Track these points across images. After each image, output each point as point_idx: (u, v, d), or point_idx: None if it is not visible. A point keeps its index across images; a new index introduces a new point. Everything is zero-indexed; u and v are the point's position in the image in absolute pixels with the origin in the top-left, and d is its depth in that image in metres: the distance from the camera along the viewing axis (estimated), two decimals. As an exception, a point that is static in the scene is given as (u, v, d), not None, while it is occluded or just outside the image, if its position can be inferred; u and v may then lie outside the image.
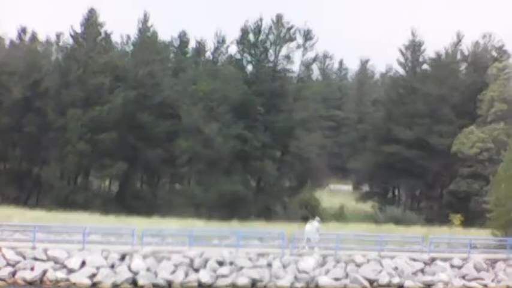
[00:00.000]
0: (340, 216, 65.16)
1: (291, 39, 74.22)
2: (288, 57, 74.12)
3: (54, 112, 69.02)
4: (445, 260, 49.26)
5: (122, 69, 71.66)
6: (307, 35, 74.97)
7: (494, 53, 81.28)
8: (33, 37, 78.56)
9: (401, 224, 66.11)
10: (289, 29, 74.13)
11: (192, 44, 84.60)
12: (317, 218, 50.49)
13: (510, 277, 48.68)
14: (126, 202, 68.06)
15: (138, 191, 73.33)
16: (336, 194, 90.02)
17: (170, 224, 53.17)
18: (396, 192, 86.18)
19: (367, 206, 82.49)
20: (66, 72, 70.15)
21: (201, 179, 67.75)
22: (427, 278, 46.97)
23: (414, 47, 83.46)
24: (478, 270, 49.01)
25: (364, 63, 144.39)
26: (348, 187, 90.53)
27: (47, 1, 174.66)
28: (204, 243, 45.69)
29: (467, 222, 66.96)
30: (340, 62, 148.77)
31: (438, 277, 47.20)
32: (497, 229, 55.49)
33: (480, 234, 56.98)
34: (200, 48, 76.88)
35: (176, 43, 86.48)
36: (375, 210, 77.66)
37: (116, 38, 80.00)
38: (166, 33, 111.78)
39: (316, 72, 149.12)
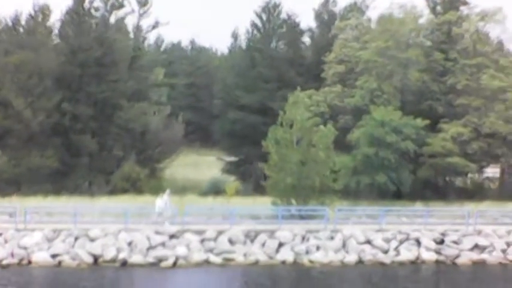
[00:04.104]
0: (158, 188, 61.84)
1: (121, 6, 70.85)
2: (116, 25, 70.87)
3: None
4: (198, 232, 46.13)
5: None
6: (143, 1, 71.64)
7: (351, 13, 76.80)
8: None
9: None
10: (119, -6, 70.72)
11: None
12: (167, 191, 48.61)
13: (266, 250, 45.43)
14: None
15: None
16: (202, 165, 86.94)
17: None
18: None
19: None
20: None
21: (12, 154, 64.67)
22: (160, 253, 43.83)
23: (269, 9, 79.48)
24: (232, 243, 45.77)
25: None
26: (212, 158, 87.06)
27: None
28: None
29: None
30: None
31: (174, 251, 44.08)
32: (277, 197, 52.33)
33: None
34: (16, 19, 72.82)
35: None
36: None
37: None
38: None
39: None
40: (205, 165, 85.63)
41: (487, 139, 64.44)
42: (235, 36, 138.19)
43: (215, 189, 65.83)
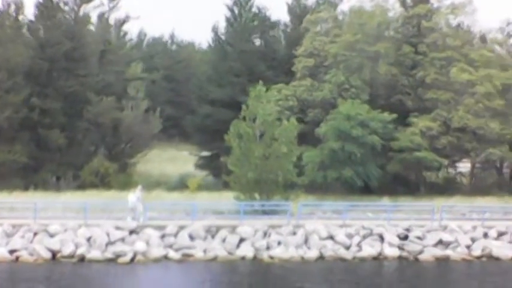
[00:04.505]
0: (128, 184, 61.73)
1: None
2: (85, 19, 70.56)
3: None
4: (159, 228, 45.96)
5: None
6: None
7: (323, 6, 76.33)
8: None
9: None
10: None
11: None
12: (139, 187, 48.39)
13: (227, 245, 45.24)
14: None
15: None
16: (180, 160, 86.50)
17: None
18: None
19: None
20: None
21: (-20, 149, 64.41)
22: (119, 248, 43.64)
23: (241, 3, 79.04)
24: (193, 238, 45.57)
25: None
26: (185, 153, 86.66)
27: None
28: None
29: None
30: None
31: (133, 247, 43.92)
32: (240, 192, 52.14)
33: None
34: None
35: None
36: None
37: None
38: None
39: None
40: (182, 160, 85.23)
41: (456, 133, 64.13)
42: (215, 30, 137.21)
43: (182, 185, 65.68)
